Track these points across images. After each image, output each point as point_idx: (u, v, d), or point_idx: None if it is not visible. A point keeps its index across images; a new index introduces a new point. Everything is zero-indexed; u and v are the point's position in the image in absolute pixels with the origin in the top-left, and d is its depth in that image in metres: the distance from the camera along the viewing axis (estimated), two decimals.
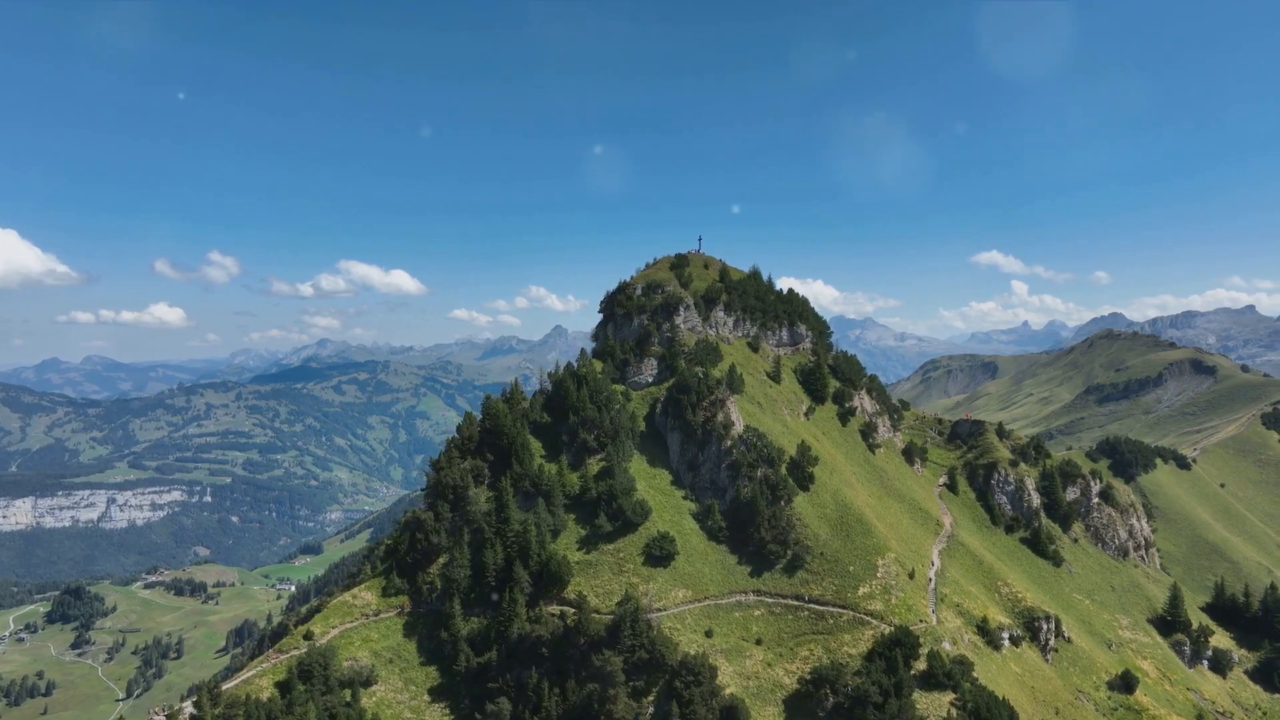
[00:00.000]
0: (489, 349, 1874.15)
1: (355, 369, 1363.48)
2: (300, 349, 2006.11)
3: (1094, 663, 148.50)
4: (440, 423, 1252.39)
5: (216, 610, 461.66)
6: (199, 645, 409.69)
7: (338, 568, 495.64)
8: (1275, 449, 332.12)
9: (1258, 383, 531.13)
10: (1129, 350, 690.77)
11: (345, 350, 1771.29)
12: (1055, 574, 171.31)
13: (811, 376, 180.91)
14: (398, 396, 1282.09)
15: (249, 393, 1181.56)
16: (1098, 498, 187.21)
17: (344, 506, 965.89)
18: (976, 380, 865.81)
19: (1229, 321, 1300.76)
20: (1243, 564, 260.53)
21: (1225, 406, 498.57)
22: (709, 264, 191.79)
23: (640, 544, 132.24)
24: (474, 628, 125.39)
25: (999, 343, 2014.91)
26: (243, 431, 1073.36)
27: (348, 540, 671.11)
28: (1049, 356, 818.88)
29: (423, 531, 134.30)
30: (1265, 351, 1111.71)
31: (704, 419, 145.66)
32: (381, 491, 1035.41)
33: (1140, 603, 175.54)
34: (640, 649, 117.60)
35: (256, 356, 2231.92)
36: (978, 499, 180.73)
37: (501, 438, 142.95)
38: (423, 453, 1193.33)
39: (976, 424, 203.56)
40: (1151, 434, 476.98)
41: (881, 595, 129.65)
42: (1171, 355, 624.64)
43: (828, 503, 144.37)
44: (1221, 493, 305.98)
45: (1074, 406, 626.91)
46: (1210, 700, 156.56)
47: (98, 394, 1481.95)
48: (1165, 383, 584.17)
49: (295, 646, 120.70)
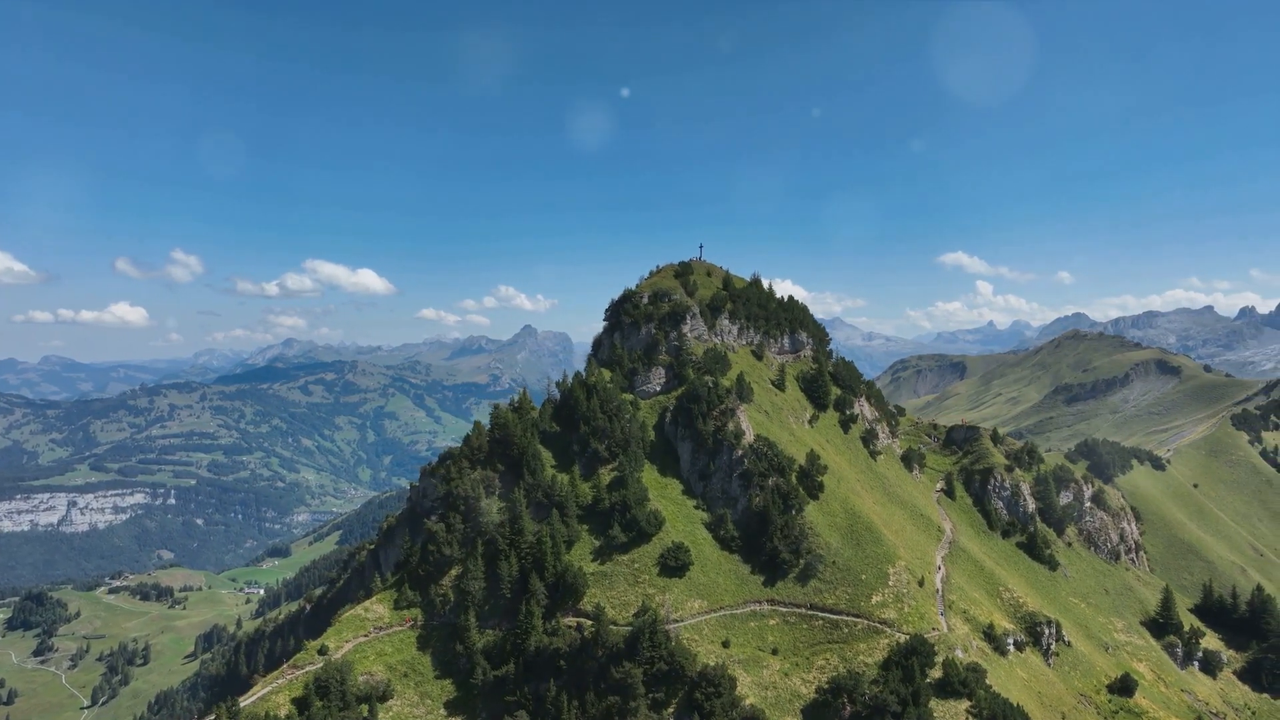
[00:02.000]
0: (458, 349, 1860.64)
1: (322, 369, 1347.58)
2: (265, 349, 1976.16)
3: (1093, 666, 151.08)
4: (409, 423, 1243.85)
5: (183, 615, 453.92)
6: (166, 651, 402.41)
7: (308, 571, 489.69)
8: (1245, 450, 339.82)
9: (1220, 383, 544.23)
10: (1095, 351, 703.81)
11: (312, 350, 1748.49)
12: (1051, 578, 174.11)
13: (813, 384, 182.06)
14: (365, 397, 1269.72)
15: (214, 393, 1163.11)
16: (1090, 502, 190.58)
17: (311, 508, 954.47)
18: (945, 380, 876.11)
19: (1189, 322, 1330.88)
20: (1218, 563, 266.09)
21: (1190, 406, 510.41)
22: (711, 272, 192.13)
23: (655, 554, 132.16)
24: (490, 640, 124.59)
25: (965, 342, 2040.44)
26: (207, 433, 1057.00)
27: (316, 542, 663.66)
28: (1016, 357, 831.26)
29: (434, 543, 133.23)
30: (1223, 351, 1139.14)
31: (715, 428, 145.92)
32: (350, 493, 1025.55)
33: (1133, 605, 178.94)
34: (660, 660, 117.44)
35: (221, 356, 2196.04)
36: (974, 504, 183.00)
37: (512, 448, 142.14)
38: (391, 454, 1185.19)
39: (971, 429, 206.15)
40: (1119, 433, 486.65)
41: (894, 603, 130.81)
42: (1137, 356, 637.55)
43: (837, 511, 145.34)
44: (1195, 493, 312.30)
45: (1043, 406, 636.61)
46: (1204, 701, 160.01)
47: (56, 395, 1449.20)
48: (1131, 383, 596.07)
49: (310, 662, 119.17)
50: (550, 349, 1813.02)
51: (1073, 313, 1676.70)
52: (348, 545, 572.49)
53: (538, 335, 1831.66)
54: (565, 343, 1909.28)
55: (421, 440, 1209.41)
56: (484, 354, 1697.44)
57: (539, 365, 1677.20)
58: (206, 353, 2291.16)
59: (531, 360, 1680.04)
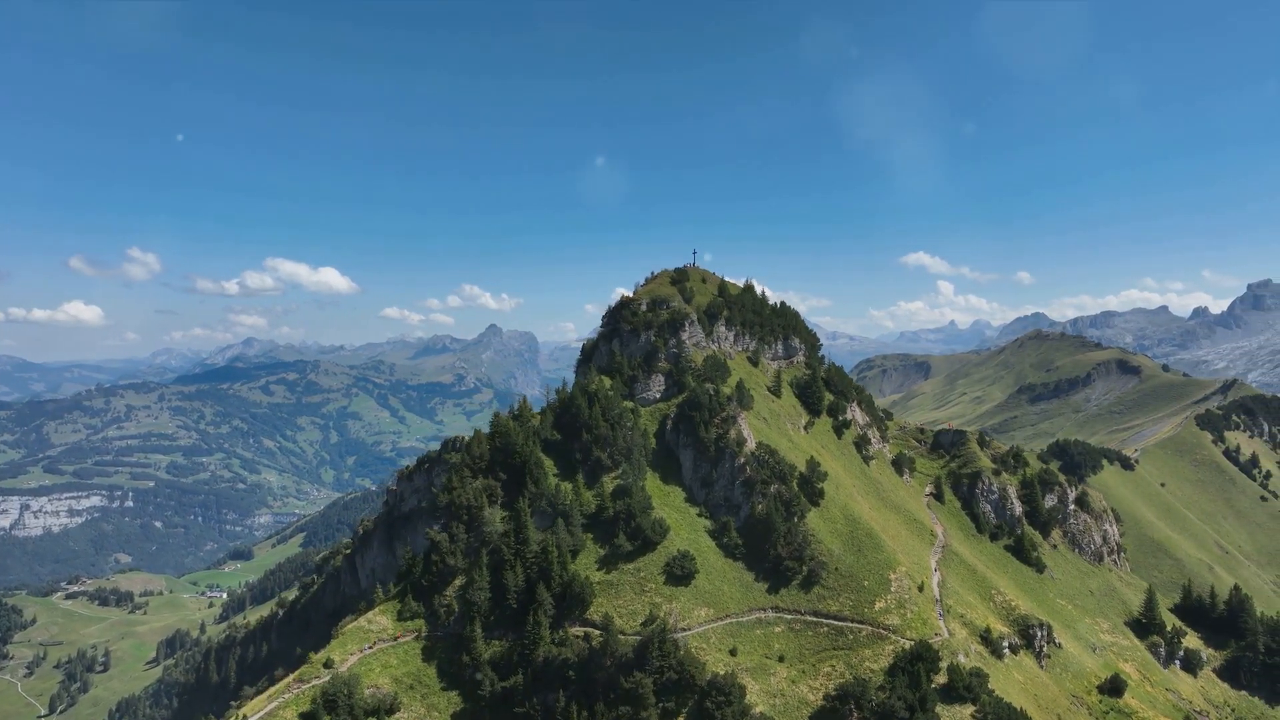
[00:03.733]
0: (422, 348, 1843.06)
1: (284, 369, 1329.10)
2: (225, 348, 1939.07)
3: (1083, 667, 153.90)
4: (373, 424, 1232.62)
5: (145, 620, 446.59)
6: (127, 657, 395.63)
7: (274, 574, 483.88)
8: (1210, 449, 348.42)
9: (1179, 382, 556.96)
10: (1057, 350, 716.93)
11: (273, 350, 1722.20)
12: (1039, 580, 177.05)
13: (807, 390, 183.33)
14: (328, 397, 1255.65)
15: (172, 393, 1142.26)
16: (1074, 504, 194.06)
17: (274, 510, 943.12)
18: (910, 380, 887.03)
19: (1145, 321, 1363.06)
20: (1186, 561, 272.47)
21: (1151, 405, 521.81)
22: (706, 278, 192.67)
23: (660, 563, 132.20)
24: (496, 651, 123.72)
25: (927, 341, 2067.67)
26: (166, 434, 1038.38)
27: (280, 545, 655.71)
28: (980, 356, 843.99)
29: (438, 553, 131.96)
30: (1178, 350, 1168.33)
31: (717, 436, 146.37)
32: (312, 494, 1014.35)
33: (1117, 606, 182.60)
34: (669, 670, 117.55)
35: (179, 356, 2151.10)
36: (963, 508, 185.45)
37: (514, 456, 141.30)
38: (355, 454, 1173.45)
39: (958, 434, 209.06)
40: (1081, 432, 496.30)
41: (897, 609, 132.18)
42: (1098, 356, 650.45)
43: (838, 518, 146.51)
44: (1162, 492, 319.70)
45: (1007, 405, 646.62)
46: (1188, 700, 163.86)
47: (8, 395, 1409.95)
48: (1093, 382, 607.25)
49: (316, 675, 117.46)
50: (516, 348, 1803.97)
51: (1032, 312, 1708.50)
52: (313, 548, 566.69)
53: (503, 335, 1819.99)
54: (531, 342, 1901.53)
55: (386, 441, 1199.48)
56: (448, 353, 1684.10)
57: (504, 365, 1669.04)
58: (164, 352, 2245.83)
59: (497, 360, 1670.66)
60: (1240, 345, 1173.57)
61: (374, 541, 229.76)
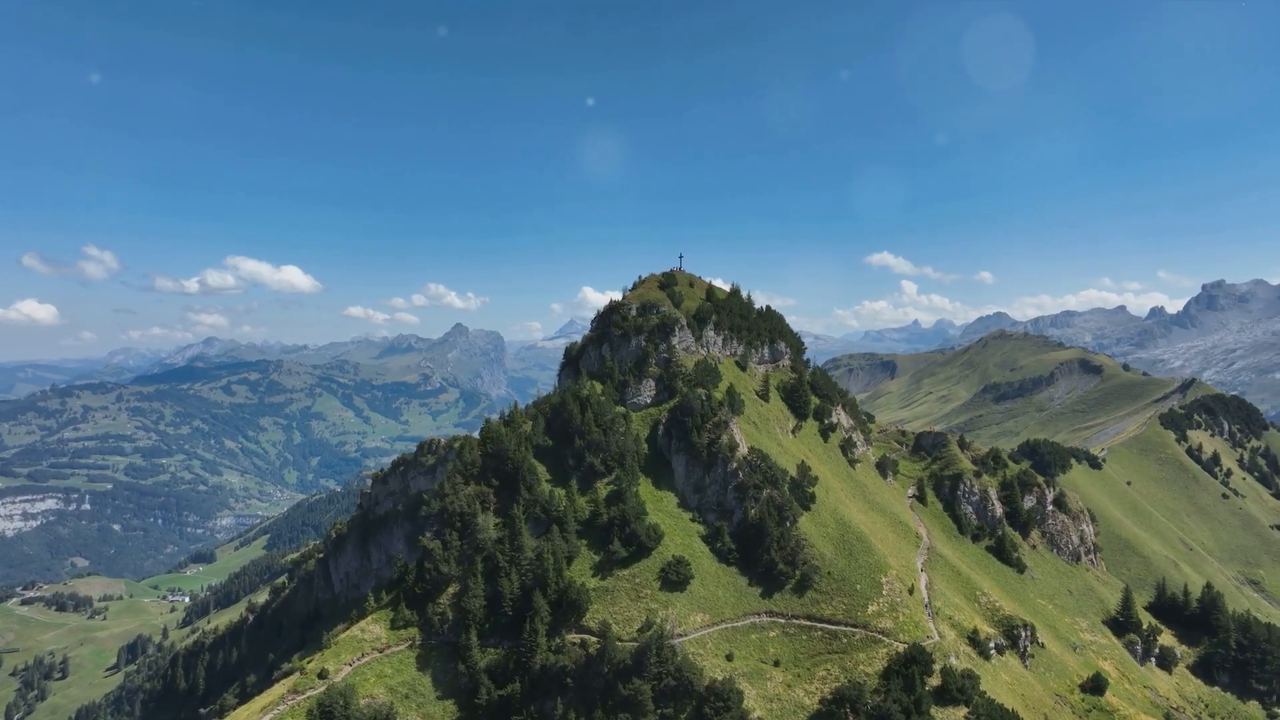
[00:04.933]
0: (387, 347, 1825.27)
1: (246, 368, 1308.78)
2: (185, 348, 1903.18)
3: (1066, 666, 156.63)
4: (337, 424, 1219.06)
5: (104, 626, 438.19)
6: (86, 664, 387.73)
7: (239, 577, 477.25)
8: (1174, 448, 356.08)
9: (1139, 381, 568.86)
10: (1020, 350, 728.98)
11: (234, 349, 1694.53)
12: (1020, 580, 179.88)
13: (794, 393, 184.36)
14: (291, 397, 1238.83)
15: (130, 394, 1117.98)
16: (1052, 505, 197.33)
17: (236, 512, 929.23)
18: (876, 379, 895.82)
19: (1103, 321, 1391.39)
20: (1152, 558, 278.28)
21: (1112, 404, 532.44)
22: (694, 282, 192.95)
23: (655, 569, 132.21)
24: (493, 659, 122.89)
25: (891, 340, 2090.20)
26: (124, 435, 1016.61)
27: (243, 547, 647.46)
28: (945, 356, 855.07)
29: (431, 561, 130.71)
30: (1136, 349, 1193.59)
31: (709, 441, 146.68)
32: (275, 496, 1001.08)
33: (1095, 605, 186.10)
34: (667, 676, 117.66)
35: (137, 356, 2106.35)
36: (945, 509, 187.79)
37: (506, 463, 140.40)
38: (319, 455, 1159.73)
39: (939, 436, 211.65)
40: (1045, 430, 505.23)
41: (890, 613, 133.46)
42: (1061, 355, 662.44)
43: (829, 521, 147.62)
44: (1129, 490, 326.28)
45: (972, 404, 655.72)
46: (1165, 697, 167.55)
47: None
48: (1056, 381, 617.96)
49: (311, 686, 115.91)
50: (482, 348, 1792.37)
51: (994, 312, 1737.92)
52: (277, 550, 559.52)
53: (469, 334, 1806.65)
54: (497, 342, 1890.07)
55: (350, 441, 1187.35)
56: (414, 353, 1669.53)
57: (470, 365, 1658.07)
58: (122, 352, 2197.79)
59: (463, 359, 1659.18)
60: (1195, 345, 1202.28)
61: (348, 545, 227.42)
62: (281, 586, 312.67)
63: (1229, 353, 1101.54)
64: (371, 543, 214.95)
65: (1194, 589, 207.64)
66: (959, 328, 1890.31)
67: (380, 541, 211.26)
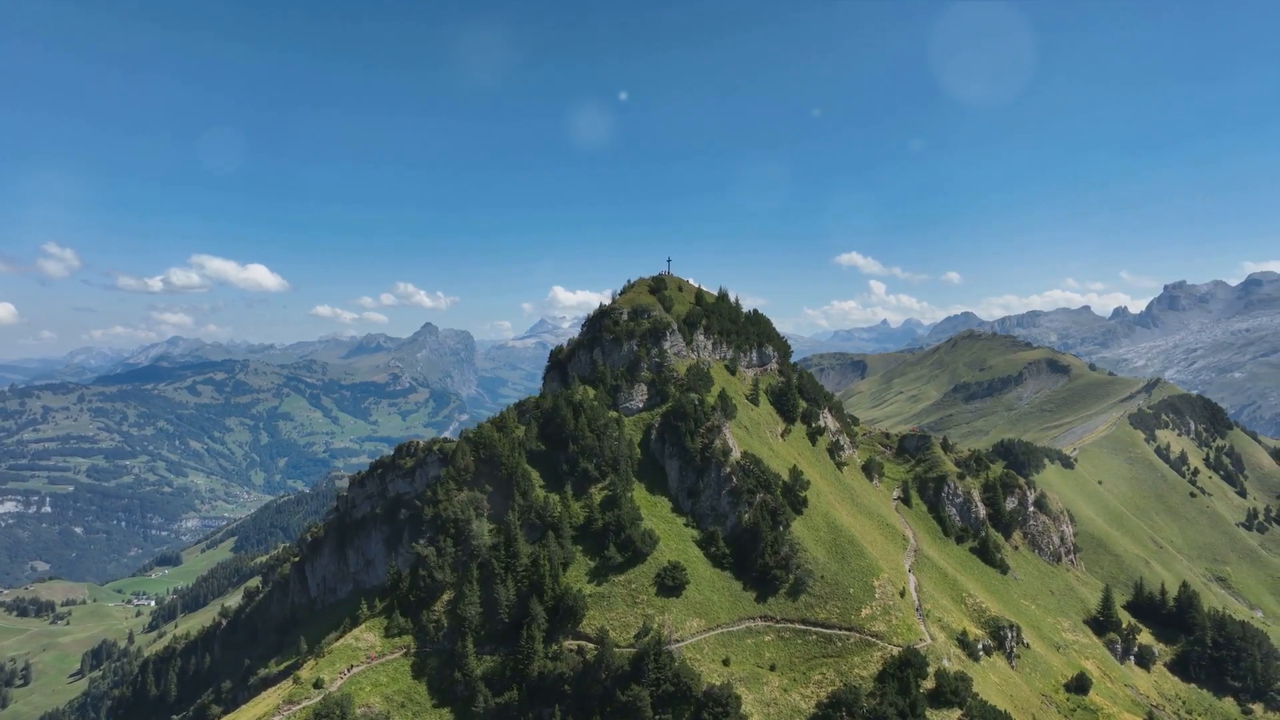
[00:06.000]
0: (355, 347, 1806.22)
1: (211, 368, 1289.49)
2: (149, 347, 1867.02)
3: (1050, 666, 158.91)
4: (305, 424, 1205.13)
5: (68, 631, 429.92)
6: (49, 670, 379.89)
7: (206, 580, 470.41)
8: (1143, 448, 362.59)
9: (1105, 381, 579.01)
10: (989, 350, 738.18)
11: (199, 349, 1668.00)
12: (1003, 581, 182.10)
13: (782, 397, 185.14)
14: (258, 397, 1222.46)
15: (93, 394, 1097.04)
16: (1033, 506, 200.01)
17: (201, 514, 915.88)
18: (847, 379, 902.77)
19: (1068, 321, 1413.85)
20: (1124, 556, 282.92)
21: (1079, 404, 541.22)
22: (683, 287, 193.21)
23: (651, 574, 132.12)
24: (489, 667, 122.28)
25: (860, 340, 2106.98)
26: (86, 436, 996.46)
27: (210, 549, 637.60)
28: (915, 355, 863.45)
29: (425, 568, 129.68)
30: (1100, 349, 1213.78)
31: (702, 446, 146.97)
32: (242, 497, 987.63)
33: (1076, 605, 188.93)
34: (666, 682, 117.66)
35: (99, 355, 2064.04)
36: (929, 511, 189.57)
37: (500, 468, 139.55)
38: (286, 456, 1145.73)
39: (923, 438, 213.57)
40: (1014, 430, 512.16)
41: (882, 616, 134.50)
42: (1029, 355, 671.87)
43: (820, 525, 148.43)
44: (1100, 490, 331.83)
45: (942, 404, 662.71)
46: (1144, 695, 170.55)
47: None
48: (1024, 381, 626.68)
49: (306, 696, 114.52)
50: (452, 347, 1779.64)
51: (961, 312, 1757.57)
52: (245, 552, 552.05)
53: (439, 334, 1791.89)
54: (467, 341, 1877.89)
55: (318, 442, 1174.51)
56: (383, 352, 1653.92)
57: (440, 364, 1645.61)
58: (83, 351, 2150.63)
59: (433, 359, 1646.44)
60: (1157, 344, 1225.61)
61: (324, 549, 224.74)
62: (255, 590, 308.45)
63: (1190, 352, 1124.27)
64: (349, 546, 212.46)
65: (1165, 587, 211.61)
66: (927, 327, 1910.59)
67: (358, 545, 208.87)
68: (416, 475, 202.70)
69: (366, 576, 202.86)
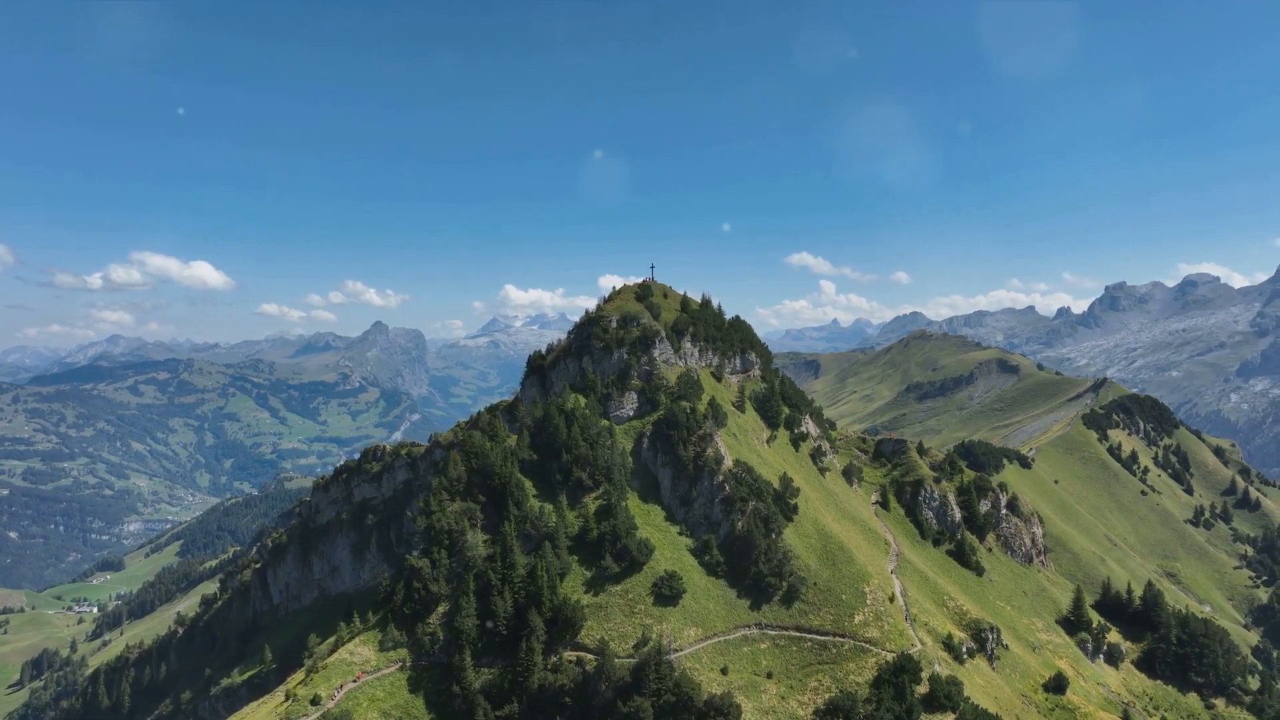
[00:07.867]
0: (303, 346, 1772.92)
1: (154, 368, 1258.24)
2: (87, 346, 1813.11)
3: (1028, 667, 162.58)
4: (252, 425, 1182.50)
5: (5, 640, 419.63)
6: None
7: (153, 586, 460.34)
8: (1096, 447, 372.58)
9: (1053, 380, 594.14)
10: (941, 350, 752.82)
11: (141, 348, 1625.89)
12: (980, 583, 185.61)
13: (766, 403, 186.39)
14: (203, 397, 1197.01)
15: (28, 394, 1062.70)
16: (1006, 508, 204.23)
17: (144, 517, 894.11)
18: (801, 378, 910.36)
19: (1014, 321, 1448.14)
20: (1081, 554, 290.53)
21: (1029, 403, 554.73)
22: (668, 294, 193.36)
23: (647, 583, 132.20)
24: (488, 680, 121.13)
25: (811, 339, 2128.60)
26: (21, 438, 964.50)
27: (155, 554, 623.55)
28: (868, 355, 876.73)
29: (420, 580, 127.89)
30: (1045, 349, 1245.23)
31: (695, 454, 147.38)
32: (187, 500, 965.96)
33: (1048, 605, 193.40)
34: (667, 692, 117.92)
35: (34, 355, 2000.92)
36: (907, 515, 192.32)
37: (493, 478, 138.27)
38: (233, 457, 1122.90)
39: (899, 443, 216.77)
40: (965, 429, 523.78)
41: (875, 622, 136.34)
42: (980, 355, 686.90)
43: (811, 532, 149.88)
44: (1056, 489, 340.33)
45: (896, 404, 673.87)
46: (1116, 692, 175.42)
47: None
48: (975, 380, 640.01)
49: (304, 714, 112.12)
50: (403, 346, 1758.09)
51: (910, 311, 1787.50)
52: (192, 556, 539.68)
53: (389, 332, 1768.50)
54: (418, 340, 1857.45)
55: (266, 442, 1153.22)
56: (332, 351, 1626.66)
57: (391, 363, 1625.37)
58: (17, 350, 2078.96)
59: (383, 358, 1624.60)
60: (1099, 344, 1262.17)
61: (288, 555, 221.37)
62: (213, 597, 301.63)
63: (1130, 351, 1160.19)
64: (313, 552, 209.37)
65: (1122, 583, 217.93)
66: (876, 327, 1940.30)
67: (322, 551, 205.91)
68: (383, 480, 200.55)
69: (332, 583, 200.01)
